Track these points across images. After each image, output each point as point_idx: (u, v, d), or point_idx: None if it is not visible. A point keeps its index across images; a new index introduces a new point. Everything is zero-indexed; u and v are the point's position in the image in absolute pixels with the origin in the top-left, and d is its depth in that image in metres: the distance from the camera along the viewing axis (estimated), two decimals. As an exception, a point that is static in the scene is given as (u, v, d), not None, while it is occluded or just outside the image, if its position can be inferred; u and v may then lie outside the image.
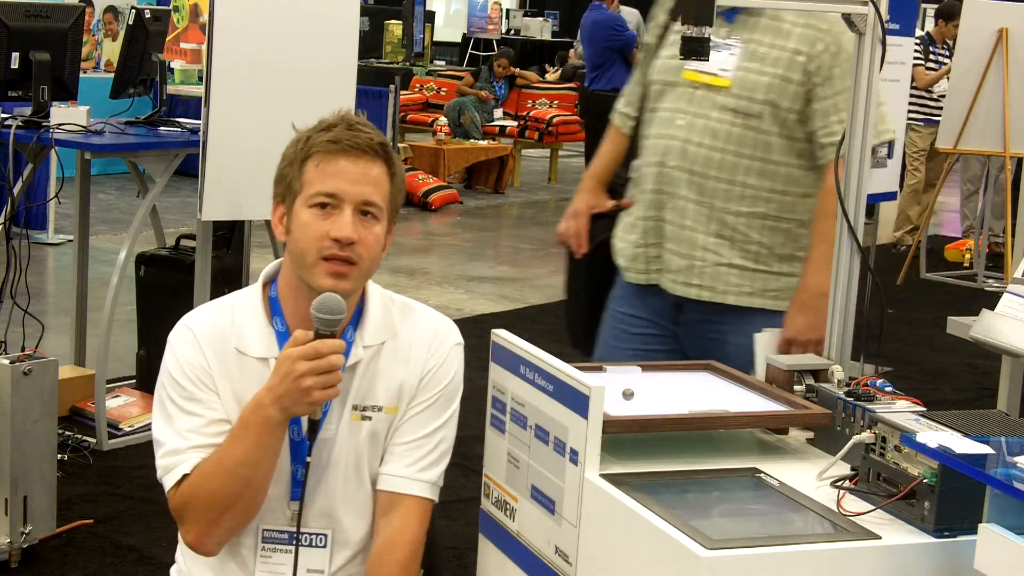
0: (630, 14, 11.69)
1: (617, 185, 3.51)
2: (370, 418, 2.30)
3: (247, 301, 2.31)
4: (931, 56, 9.94)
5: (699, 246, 3.20)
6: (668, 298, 3.27)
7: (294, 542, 2.26)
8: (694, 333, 3.27)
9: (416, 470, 2.33)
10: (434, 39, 13.82)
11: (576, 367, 2.29)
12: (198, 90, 6.34)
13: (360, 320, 2.30)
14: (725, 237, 3.19)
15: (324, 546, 2.28)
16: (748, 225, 3.18)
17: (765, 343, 2.83)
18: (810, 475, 2.24)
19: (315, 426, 2.18)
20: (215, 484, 2.16)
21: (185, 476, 2.19)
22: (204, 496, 2.17)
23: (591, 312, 3.47)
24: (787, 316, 3.14)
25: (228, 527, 2.21)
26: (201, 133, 4.59)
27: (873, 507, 2.08)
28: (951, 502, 1.99)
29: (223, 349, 2.26)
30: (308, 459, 2.20)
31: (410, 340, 2.34)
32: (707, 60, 2.67)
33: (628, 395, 2.40)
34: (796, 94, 3.15)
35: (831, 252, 2.80)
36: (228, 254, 5.55)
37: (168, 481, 2.22)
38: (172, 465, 2.21)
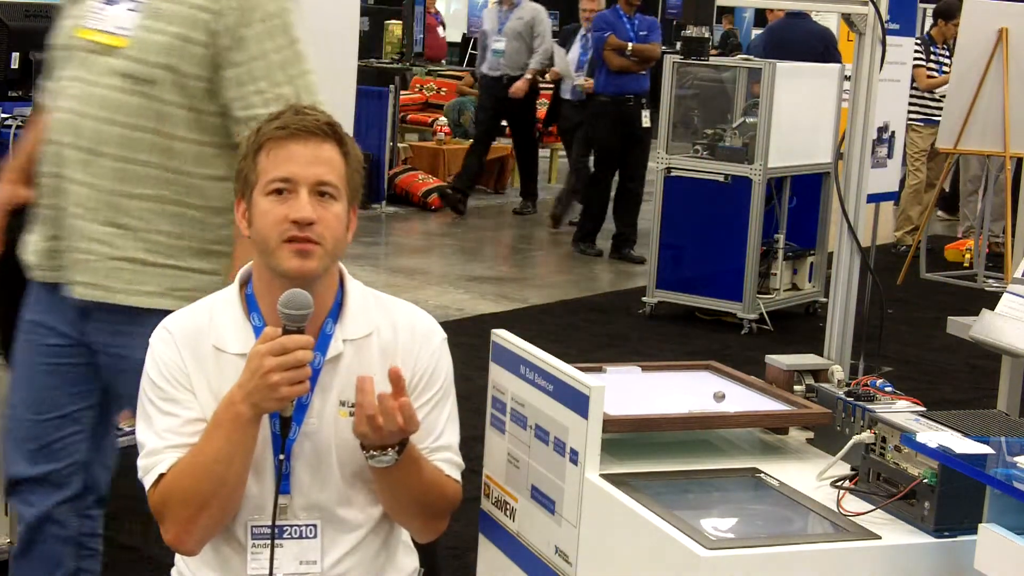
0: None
1: None
2: None
3: (225, 300, 2.32)
4: (932, 56, 9.93)
5: (89, 237, 2.73)
6: (72, 301, 2.77)
7: (276, 535, 2.26)
8: (99, 346, 2.80)
9: (442, 461, 2.33)
10: (434, 39, 13.83)
11: (576, 367, 2.29)
12: (198, 90, 6.33)
13: (340, 313, 2.30)
14: (121, 226, 2.74)
15: (314, 537, 2.29)
16: (150, 211, 2.74)
17: None
18: (810, 475, 2.24)
19: (288, 422, 2.19)
20: (190, 482, 2.18)
21: (162, 475, 2.21)
22: (180, 494, 2.19)
23: (7, 320, 2.95)
24: None
25: (206, 525, 2.22)
26: (201, 133, 4.59)
27: (873, 507, 2.08)
28: (951, 502, 1.99)
29: (200, 347, 2.27)
30: (281, 456, 2.21)
31: (396, 337, 2.33)
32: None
33: (719, 397, 2.41)
34: (202, 58, 2.72)
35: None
36: (228, 254, 5.54)
37: (147, 481, 2.23)
38: (151, 465, 2.23)
